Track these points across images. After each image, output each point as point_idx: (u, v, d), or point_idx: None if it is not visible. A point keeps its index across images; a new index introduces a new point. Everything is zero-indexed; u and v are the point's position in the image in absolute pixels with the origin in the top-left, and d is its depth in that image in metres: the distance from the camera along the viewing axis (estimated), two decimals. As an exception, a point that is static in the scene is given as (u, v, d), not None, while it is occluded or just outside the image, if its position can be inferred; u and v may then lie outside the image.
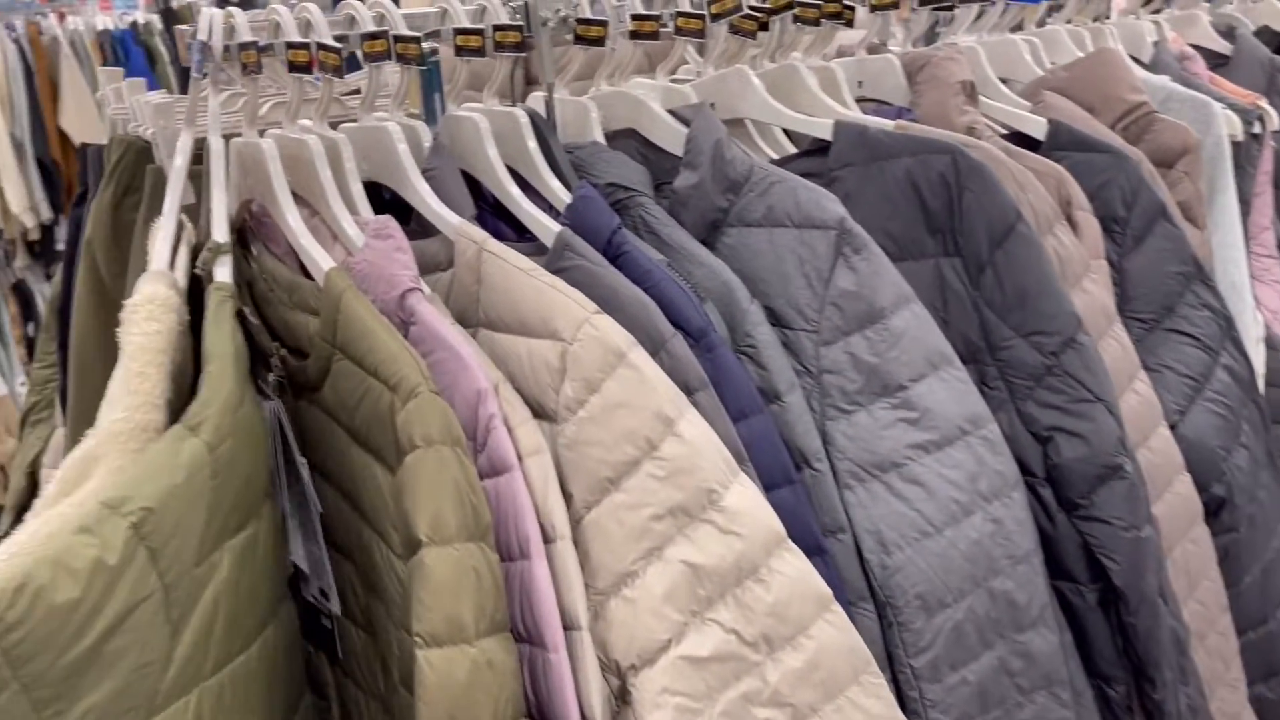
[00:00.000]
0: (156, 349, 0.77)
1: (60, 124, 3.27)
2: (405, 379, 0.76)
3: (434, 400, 0.76)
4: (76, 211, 1.45)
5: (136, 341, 0.77)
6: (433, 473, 0.74)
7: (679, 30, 1.16)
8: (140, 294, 0.80)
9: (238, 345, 0.82)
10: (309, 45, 0.90)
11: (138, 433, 0.73)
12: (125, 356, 0.76)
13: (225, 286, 0.85)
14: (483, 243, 0.91)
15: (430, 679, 0.71)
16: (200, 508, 0.69)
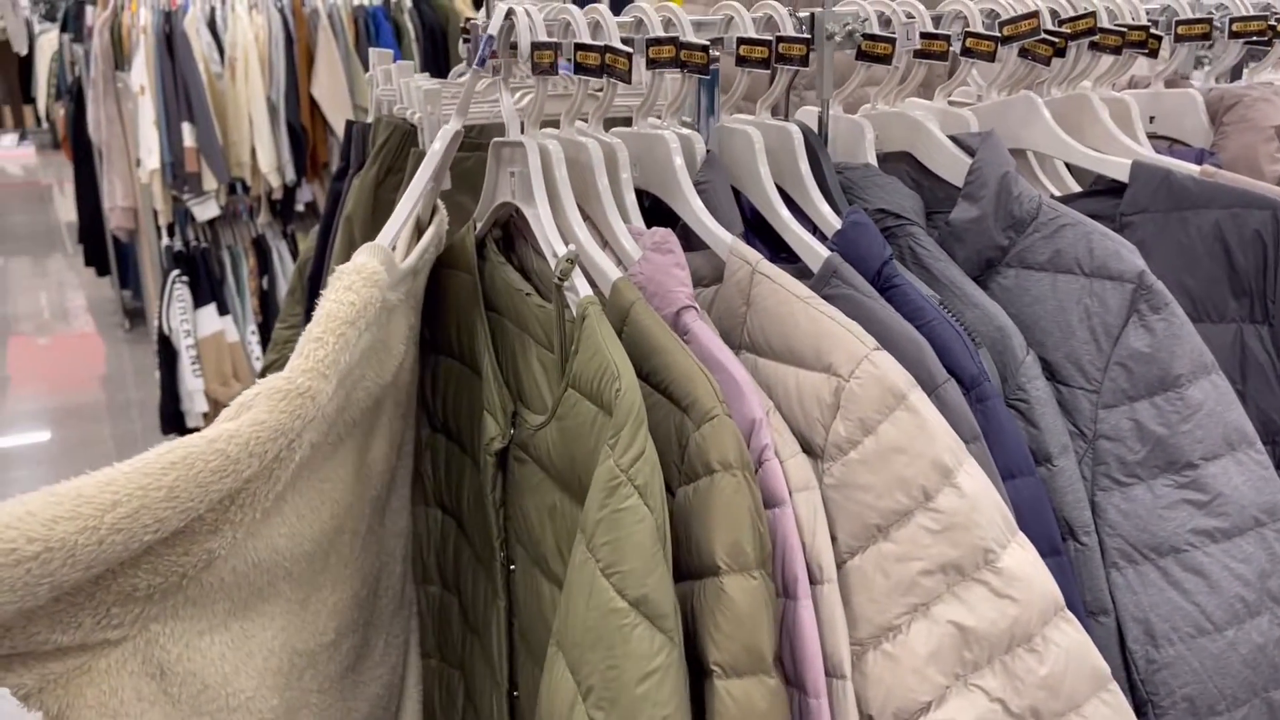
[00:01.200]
0: (343, 319, 0.75)
1: (312, 92, 3.46)
2: (700, 400, 0.73)
3: (729, 424, 0.73)
4: (336, 185, 1.51)
5: (327, 308, 0.76)
6: (730, 498, 0.71)
7: (967, 51, 1.09)
8: (351, 263, 0.80)
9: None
10: (599, 48, 0.89)
11: (294, 396, 0.70)
12: (313, 320, 0.76)
13: (595, 301, 0.81)
14: (755, 264, 0.87)
15: (731, 710, 0.69)
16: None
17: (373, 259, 0.81)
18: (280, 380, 0.70)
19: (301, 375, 0.71)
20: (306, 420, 0.71)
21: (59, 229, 7.51)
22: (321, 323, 0.75)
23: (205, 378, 3.47)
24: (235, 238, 3.65)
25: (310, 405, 0.71)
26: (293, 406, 0.70)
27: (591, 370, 0.76)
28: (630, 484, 0.70)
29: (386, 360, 0.87)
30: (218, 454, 0.65)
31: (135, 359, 4.98)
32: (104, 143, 3.94)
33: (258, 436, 0.67)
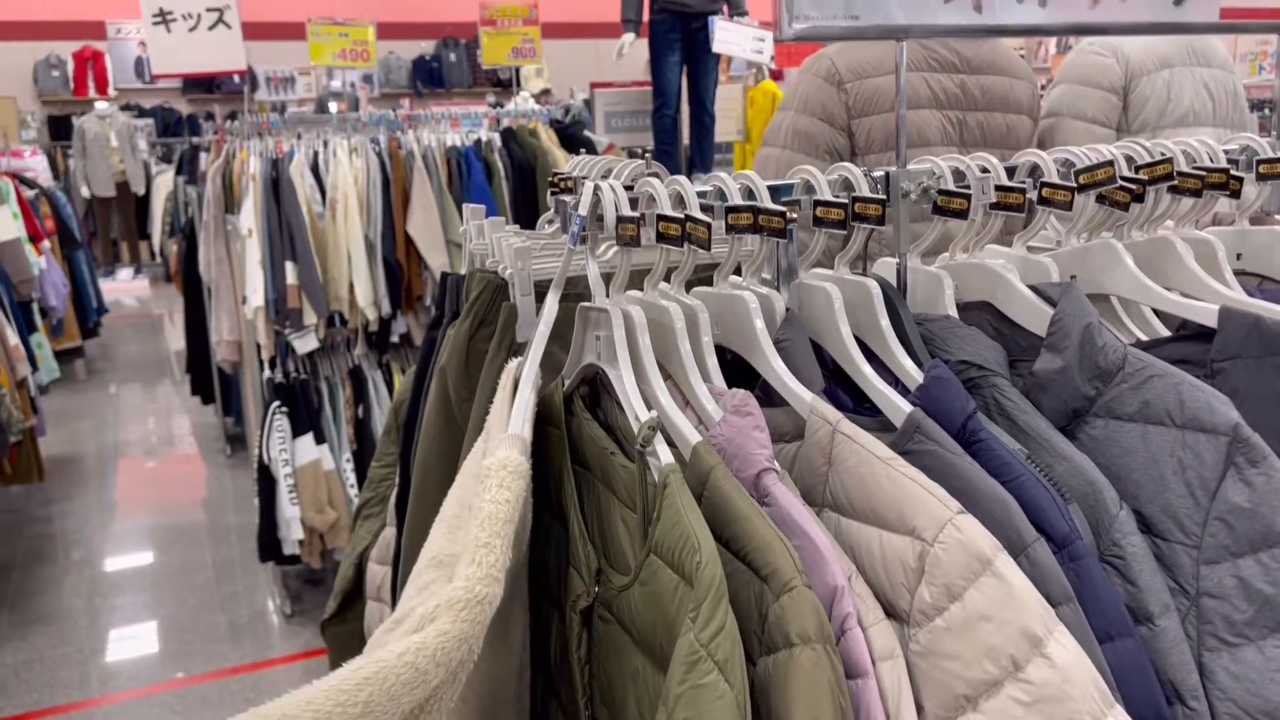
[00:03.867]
0: (504, 519, 0.79)
1: (407, 229, 3.62)
2: (779, 570, 0.74)
3: (809, 596, 0.73)
4: (431, 333, 1.57)
5: (487, 510, 0.79)
6: (809, 673, 0.71)
7: (1044, 200, 1.10)
8: (495, 458, 0.83)
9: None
10: (680, 219, 0.93)
11: (474, 605, 0.74)
12: (475, 523, 0.79)
13: (677, 470, 0.83)
14: (836, 424, 0.88)
15: None
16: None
17: (514, 451, 0.85)
18: (460, 591, 0.74)
19: (478, 584, 0.75)
20: (484, 624, 0.75)
21: (168, 357, 7.88)
22: (487, 527, 0.78)
23: (301, 505, 3.56)
24: (333, 368, 3.78)
25: (488, 610, 0.75)
26: (473, 615, 0.74)
27: (673, 539, 0.77)
28: (710, 659, 0.70)
29: (523, 533, 0.91)
30: (408, 667, 0.69)
31: (235, 484, 5.14)
32: (213, 281, 4.16)
33: (443, 647, 0.71)
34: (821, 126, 1.92)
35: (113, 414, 6.48)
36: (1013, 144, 2.02)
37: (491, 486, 0.81)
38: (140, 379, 7.33)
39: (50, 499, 5.02)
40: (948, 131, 1.93)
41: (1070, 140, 2.14)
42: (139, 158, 10.42)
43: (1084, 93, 2.18)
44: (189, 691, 3.29)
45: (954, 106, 1.93)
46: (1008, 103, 2.00)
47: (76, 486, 5.20)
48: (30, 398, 4.60)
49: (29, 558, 4.34)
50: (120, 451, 5.78)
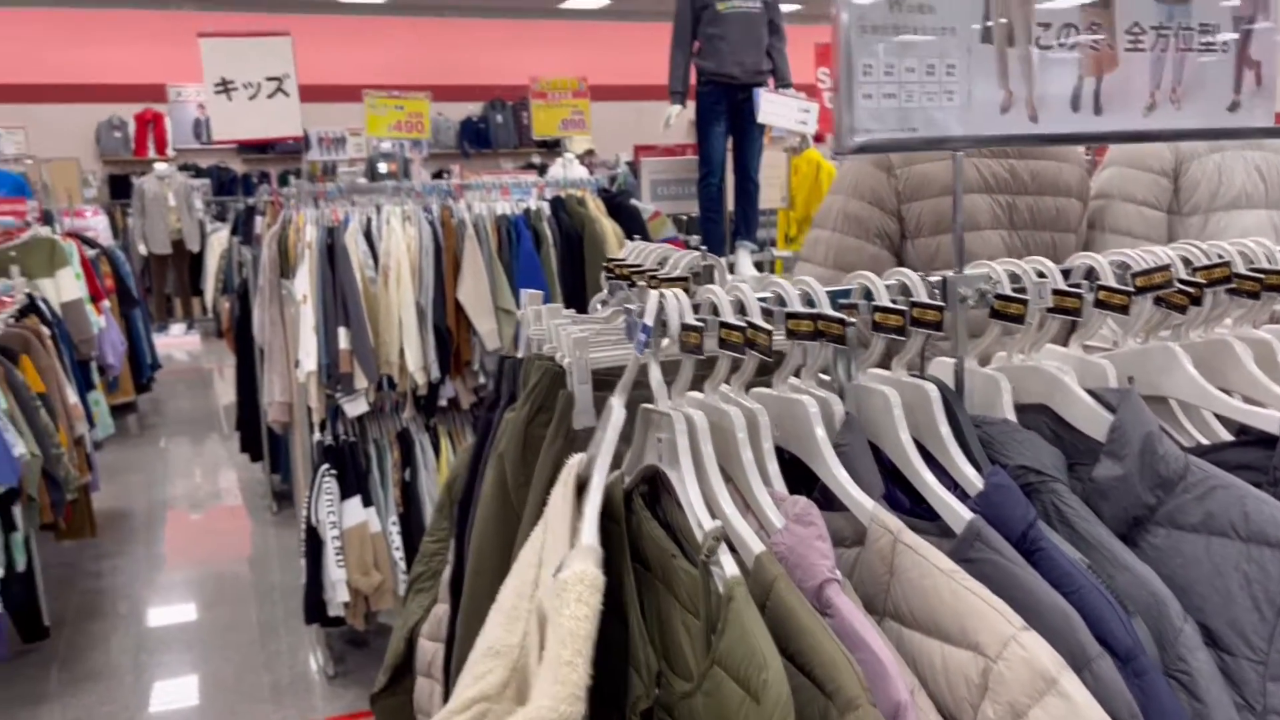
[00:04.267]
0: (584, 635, 0.80)
1: (457, 295, 3.68)
2: (843, 688, 0.75)
3: (872, 715, 0.74)
4: (488, 415, 1.60)
5: (566, 626, 0.81)
6: None
7: (1100, 304, 1.11)
8: (572, 572, 0.85)
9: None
10: (742, 327, 0.95)
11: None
12: (554, 640, 0.80)
13: (743, 583, 0.84)
14: (898, 534, 0.89)
15: None
16: None
17: (590, 565, 0.87)
18: (545, 712, 0.76)
19: (563, 703, 0.77)
20: None
21: (217, 412, 8.01)
22: (568, 644, 0.80)
23: (347, 568, 3.59)
24: (381, 431, 3.83)
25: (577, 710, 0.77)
26: None
27: (739, 654, 0.78)
28: None
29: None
30: None
31: (280, 542, 5.19)
32: (267, 343, 4.25)
33: None
34: (872, 211, 1.95)
35: (162, 469, 6.59)
36: (1062, 226, 2.03)
37: (570, 601, 0.82)
38: (190, 433, 7.46)
39: (101, 554, 5.10)
40: (997, 215, 1.95)
41: (1120, 222, 2.15)
42: (195, 216, 10.70)
43: (1134, 175, 2.19)
44: (233, 754, 3.31)
45: (1004, 190, 1.95)
46: (1057, 186, 2.01)
47: (127, 542, 5.28)
48: (86, 454, 4.70)
49: (80, 613, 4.41)
50: (169, 506, 5.87)
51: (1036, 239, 1.98)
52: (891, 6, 0.98)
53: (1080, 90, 1.09)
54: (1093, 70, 1.08)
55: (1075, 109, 1.09)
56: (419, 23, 13.32)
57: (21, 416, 3.64)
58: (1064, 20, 1.07)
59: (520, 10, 13.45)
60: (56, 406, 4.20)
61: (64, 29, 12.16)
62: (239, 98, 5.17)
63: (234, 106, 5.16)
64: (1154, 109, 1.13)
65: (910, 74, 1.00)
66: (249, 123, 5.22)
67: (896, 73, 1.00)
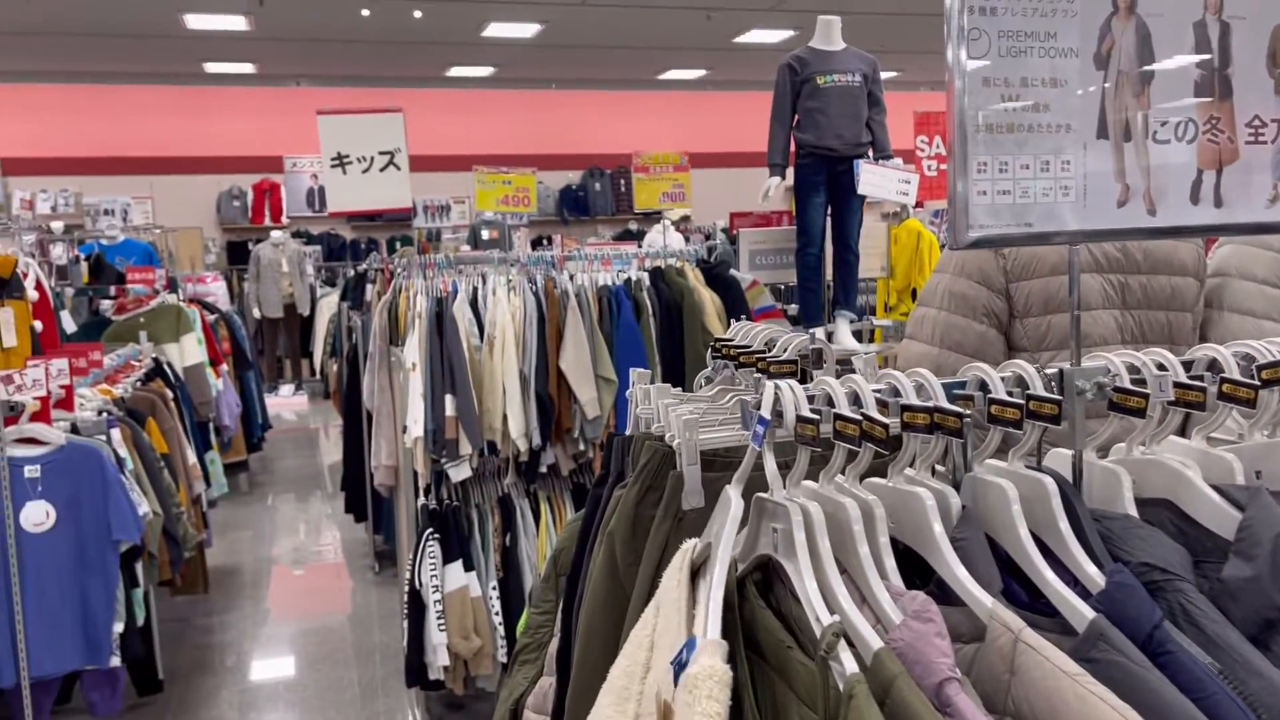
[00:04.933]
0: None
1: (560, 364, 3.76)
2: None
3: None
4: (598, 491, 1.63)
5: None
6: None
7: (1224, 396, 1.10)
8: (701, 667, 0.86)
9: None
10: (858, 420, 0.96)
11: None
12: None
13: (864, 681, 0.83)
14: (1019, 633, 0.89)
15: None
16: None
17: (717, 660, 0.87)
18: None
19: None
20: None
21: (322, 471, 8.25)
22: None
23: (449, 632, 3.64)
24: (483, 496, 3.90)
25: None
26: None
27: None
28: None
29: None
30: None
31: (382, 602, 5.30)
32: (376, 408, 4.38)
33: None
34: (979, 290, 1.94)
35: (270, 526, 6.79)
36: (1178, 306, 1.99)
37: (701, 698, 0.83)
38: (296, 491, 7.69)
39: (212, 609, 5.27)
40: (1109, 295, 1.92)
41: (1240, 301, 2.09)
42: (306, 281, 11.13)
43: (1253, 254, 2.14)
44: (334, 815, 3.35)
45: (1116, 270, 1.93)
46: (1171, 264, 1.98)
47: (236, 597, 5.45)
48: (202, 512, 4.89)
49: (191, 668, 4.55)
50: (275, 563, 6.04)
51: (1151, 319, 1.95)
52: (1006, 106, 1.00)
53: (1200, 183, 1.09)
54: (1212, 164, 1.08)
55: (1195, 202, 1.09)
56: (524, 95, 13.77)
57: (146, 476, 3.82)
58: (1182, 116, 1.07)
59: (621, 81, 13.79)
60: (178, 466, 4.39)
61: (188, 105, 12.92)
62: (353, 171, 5.42)
63: (348, 180, 5.41)
64: (1277, 201, 1.12)
65: (1025, 170, 1.02)
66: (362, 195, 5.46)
67: (1011, 170, 1.01)
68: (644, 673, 1.13)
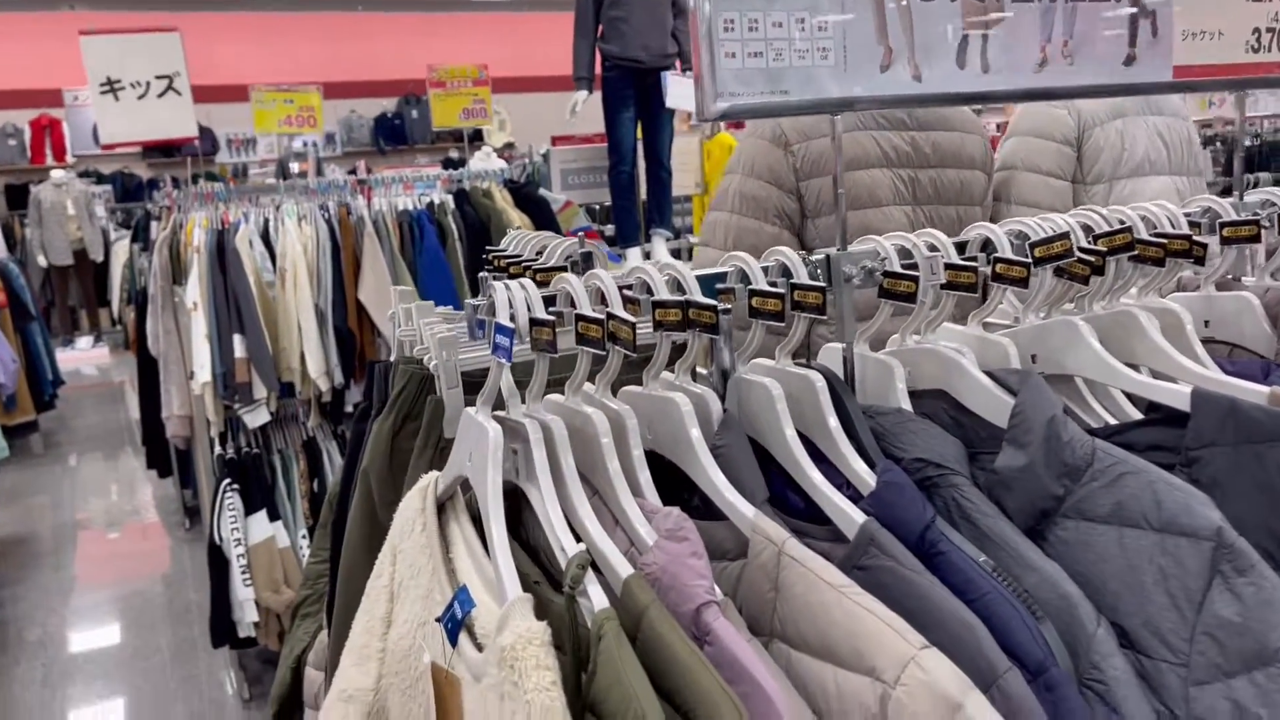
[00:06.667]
0: (559, 709, 0.68)
1: (359, 296, 3.52)
2: None
3: None
4: (359, 426, 1.47)
5: (537, 702, 0.68)
6: None
7: (998, 277, 1.03)
8: (514, 633, 0.71)
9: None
10: (601, 320, 0.84)
11: None
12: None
13: (613, 617, 0.72)
14: (781, 545, 0.80)
15: None
16: None
17: (531, 618, 0.73)
18: None
19: None
20: None
21: (128, 426, 7.69)
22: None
23: (256, 586, 3.42)
24: (286, 440, 3.66)
25: None
26: None
27: (614, 701, 0.68)
28: None
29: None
30: None
31: (195, 559, 4.97)
32: (162, 354, 4.04)
33: None
34: (770, 190, 1.86)
35: (69, 489, 6.29)
36: (967, 200, 1.96)
37: (529, 670, 0.69)
38: (99, 450, 7.15)
39: (2, 582, 4.83)
40: (900, 190, 1.87)
41: (1026, 194, 2.09)
42: (97, 225, 10.28)
43: (1038, 145, 2.13)
44: (139, 791, 3.12)
45: (905, 164, 1.87)
46: (960, 158, 1.94)
47: (31, 569, 5.01)
48: (-25, 481, 4.43)
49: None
50: (76, 528, 5.60)
51: (941, 214, 1.91)
52: (754, -45, 0.88)
53: (966, 47, 1.00)
54: (977, 23, 0.99)
55: (961, 66, 1.00)
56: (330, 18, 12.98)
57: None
58: (944, -33, 0.98)
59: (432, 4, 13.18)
60: (-65, 432, 3.94)
61: (-53, 33, 11.60)
62: (127, 98, 4.94)
63: (122, 107, 4.92)
64: (1045, 65, 1.05)
65: (778, 29, 0.90)
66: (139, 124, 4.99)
67: (762, 28, 0.90)
68: (384, 628, 1.00)
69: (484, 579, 0.86)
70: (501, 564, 0.80)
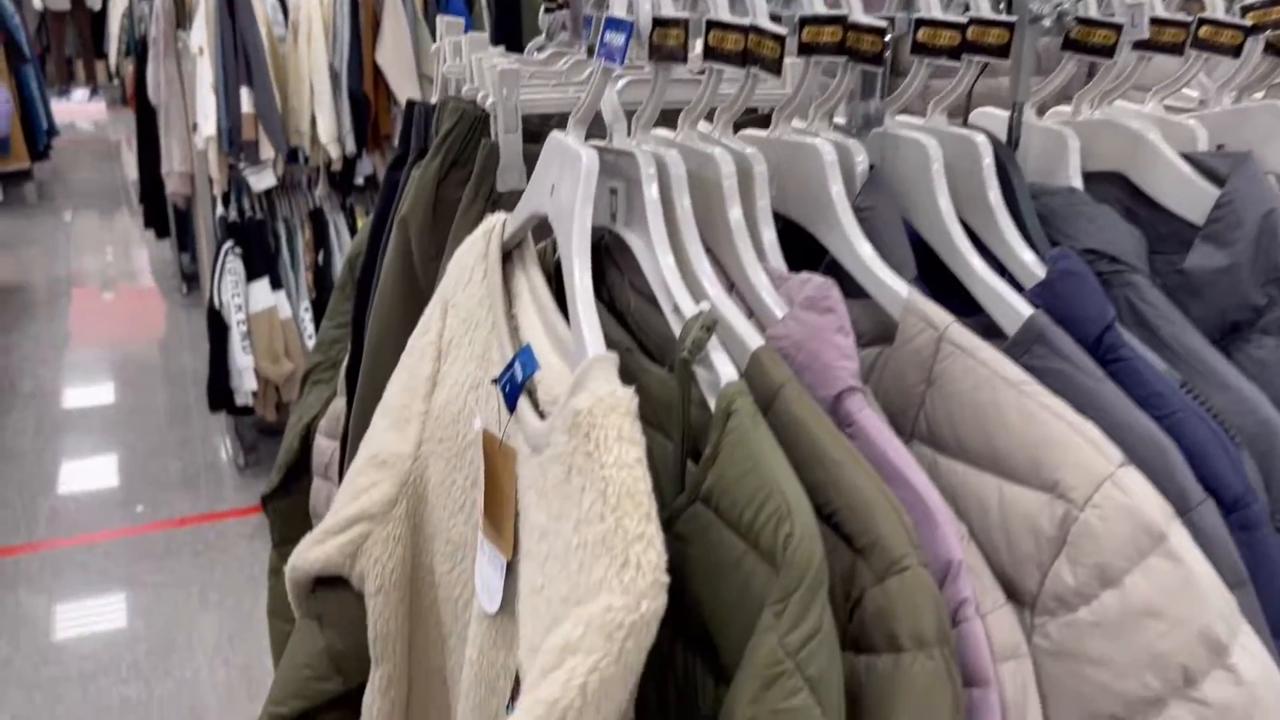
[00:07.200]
0: (645, 491, 0.54)
1: (376, 59, 3.26)
2: (884, 542, 0.51)
3: (925, 582, 0.51)
4: (393, 174, 1.29)
5: (619, 482, 0.54)
6: (924, 692, 0.50)
7: (1200, 43, 0.84)
8: (593, 395, 0.56)
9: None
10: (743, 27, 0.66)
11: (641, 628, 0.51)
12: (606, 505, 0.53)
13: (747, 393, 0.57)
14: (944, 330, 0.64)
15: None
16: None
17: (616, 382, 0.58)
18: (623, 614, 0.52)
19: (647, 598, 0.52)
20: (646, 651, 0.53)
21: (125, 186, 7.45)
22: (630, 511, 0.53)
23: (255, 355, 3.31)
24: (291, 209, 3.47)
25: (653, 633, 0.53)
26: (640, 643, 0.52)
27: (744, 493, 0.54)
28: (799, 674, 0.48)
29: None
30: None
31: (192, 324, 4.87)
32: (163, 104, 3.79)
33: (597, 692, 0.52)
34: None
35: (64, 242, 6.13)
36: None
37: (610, 441, 0.55)
38: (94, 207, 6.95)
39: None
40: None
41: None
42: (93, -32, 9.68)
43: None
44: (136, 540, 3.11)
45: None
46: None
47: (22, 318, 4.91)
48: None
49: (-30, 393, 4.10)
50: (70, 282, 5.47)
51: None
52: None
53: None
54: None
55: None
56: None
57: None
58: None
59: None
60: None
61: None
62: None
63: None
64: None
65: None
66: None
67: None
68: (428, 389, 0.86)
69: (553, 339, 0.72)
70: (583, 317, 0.64)
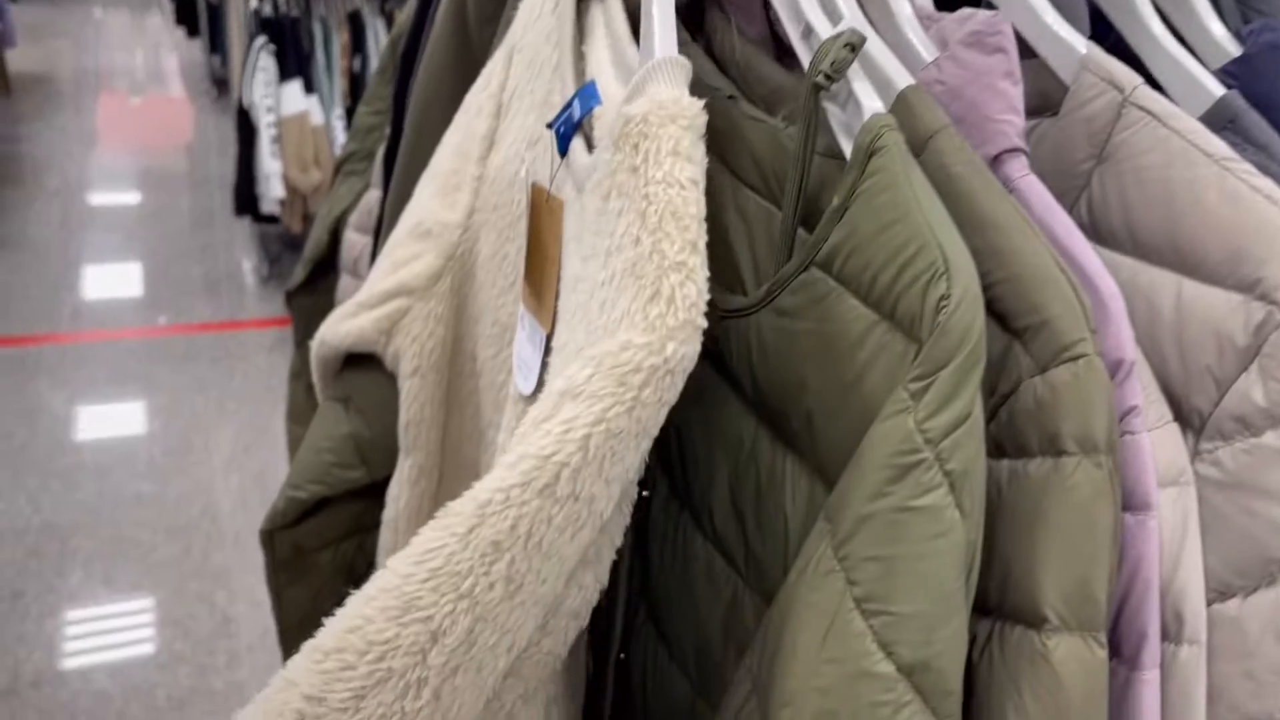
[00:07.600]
0: (695, 215, 0.44)
1: None
2: (1055, 323, 0.41)
3: (1100, 373, 0.41)
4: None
5: (663, 199, 0.44)
6: (1082, 507, 0.41)
7: None
8: (652, 100, 0.46)
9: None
10: None
11: (676, 372, 0.44)
12: (644, 228, 0.44)
13: (893, 125, 0.46)
14: (1129, 92, 0.52)
15: None
16: None
17: (683, 89, 0.48)
18: (636, 352, 0.44)
19: (679, 341, 0.44)
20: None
21: (155, -16, 7.19)
22: (674, 234, 0.44)
23: (284, 161, 3.19)
24: (329, 8, 3.29)
25: (684, 376, 0.45)
26: (675, 383, 0.46)
27: (883, 250, 0.43)
28: (938, 467, 0.38)
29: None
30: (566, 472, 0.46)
31: (220, 129, 4.73)
32: (197, -117, 3.56)
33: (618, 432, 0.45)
34: None
35: (92, 36, 5.94)
36: None
37: (659, 156, 0.44)
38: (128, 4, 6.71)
39: (19, 117, 4.61)
40: None
41: None
42: None
43: None
44: (158, 342, 3.07)
45: None
46: None
47: (51, 112, 4.78)
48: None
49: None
50: (98, 77, 5.31)
51: None
52: None
53: None
54: None
55: None
56: None
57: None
58: None
59: None
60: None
61: None
62: None
63: None
64: None
65: None
66: None
67: None
68: (483, 150, 0.75)
69: (622, 71, 0.60)
70: (657, 16, 0.52)
